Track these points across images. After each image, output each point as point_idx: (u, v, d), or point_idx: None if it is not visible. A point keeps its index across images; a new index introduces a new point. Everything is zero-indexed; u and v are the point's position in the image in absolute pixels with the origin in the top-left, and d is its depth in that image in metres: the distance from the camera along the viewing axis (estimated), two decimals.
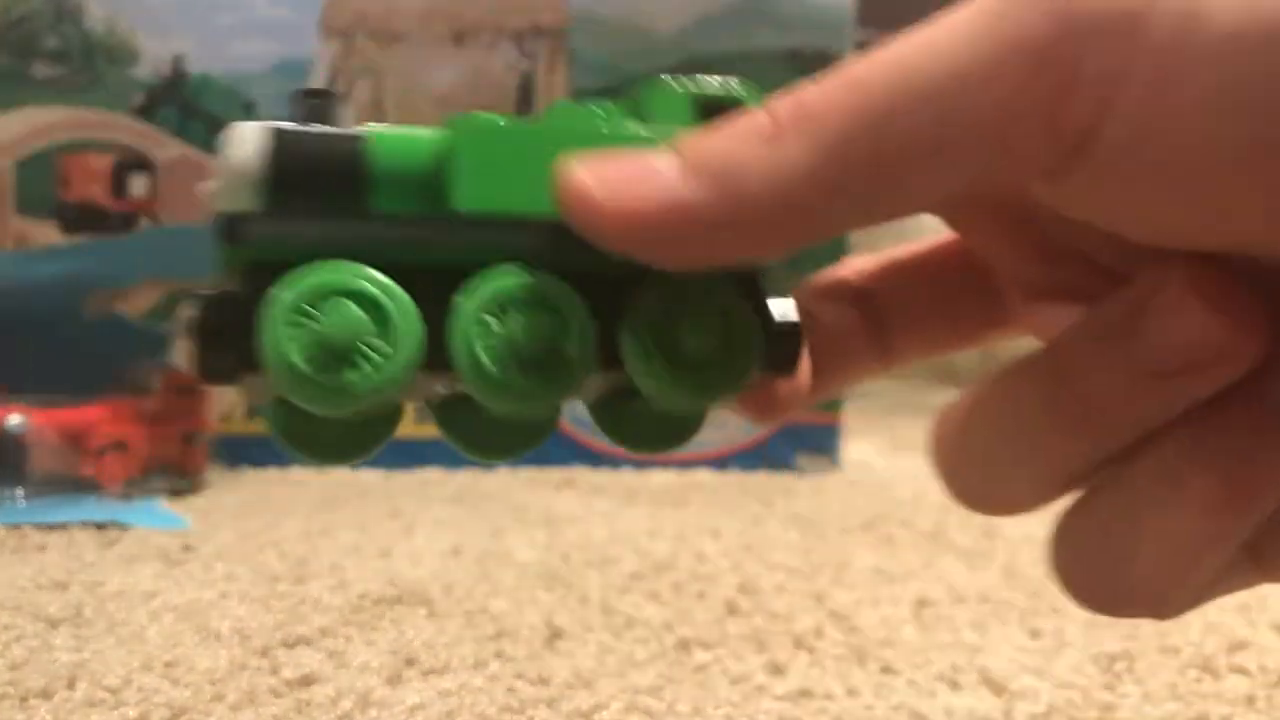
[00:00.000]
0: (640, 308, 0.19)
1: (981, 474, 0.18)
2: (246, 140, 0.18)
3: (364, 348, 0.18)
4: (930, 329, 0.22)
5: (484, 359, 0.18)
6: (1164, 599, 0.17)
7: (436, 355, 0.18)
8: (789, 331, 0.20)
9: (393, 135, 0.19)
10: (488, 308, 0.18)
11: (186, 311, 0.19)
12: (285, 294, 0.18)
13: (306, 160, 0.19)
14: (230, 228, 0.18)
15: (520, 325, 0.18)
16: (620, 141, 0.19)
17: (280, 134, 0.19)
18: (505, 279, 0.19)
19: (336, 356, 0.18)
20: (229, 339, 0.18)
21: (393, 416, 0.21)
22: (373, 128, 0.19)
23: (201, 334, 0.18)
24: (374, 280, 0.18)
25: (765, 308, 0.20)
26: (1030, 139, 0.15)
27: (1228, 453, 0.16)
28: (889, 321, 0.22)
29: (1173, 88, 0.14)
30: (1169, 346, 0.16)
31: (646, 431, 0.21)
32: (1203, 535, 0.16)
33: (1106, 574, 0.17)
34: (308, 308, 0.18)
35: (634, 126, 0.19)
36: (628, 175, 0.17)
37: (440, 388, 0.20)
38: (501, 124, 0.19)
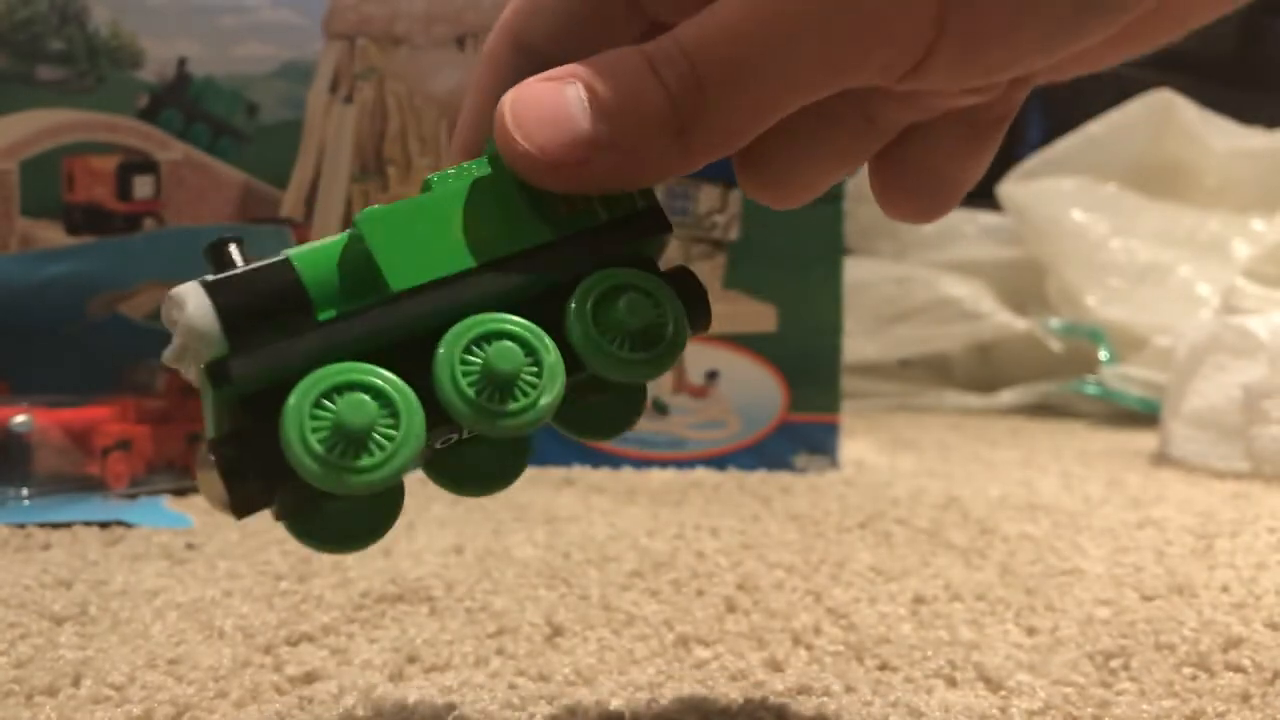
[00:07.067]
0: (579, 307, 0.22)
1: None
2: (189, 302, 0.21)
3: (379, 429, 0.20)
4: None
5: (469, 391, 0.20)
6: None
7: (430, 415, 0.21)
8: (702, 294, 0.23)
9: (309, 250, 0.21)
10: (462, 348, 0.21)
11: (203, 456, 0.21)
12: (299, 398, 0.20)
13: (247, 299, 0.21)
14: (212, 375, 0.20)
15: (495, 354, 0.21)
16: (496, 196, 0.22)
17: (213, 286, 0.21)
18: (469, 323, 0.21)
19: (355, 442, 0.20)
20: (251, 469, 0.20)
21: (397, 499, 0.23)
22: (289, 251, 0.21)
23: (228, 475, 0.20)
24: (372, 371, 0.20)
25: (671, 281, 0.23)
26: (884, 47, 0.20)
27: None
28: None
29: None
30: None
31: (601, 421, 0.24)
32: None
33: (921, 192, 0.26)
34: (324, 403, 0.20)
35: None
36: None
37: (438, 445, 0.22)
38: (393, 208, 0.21)
